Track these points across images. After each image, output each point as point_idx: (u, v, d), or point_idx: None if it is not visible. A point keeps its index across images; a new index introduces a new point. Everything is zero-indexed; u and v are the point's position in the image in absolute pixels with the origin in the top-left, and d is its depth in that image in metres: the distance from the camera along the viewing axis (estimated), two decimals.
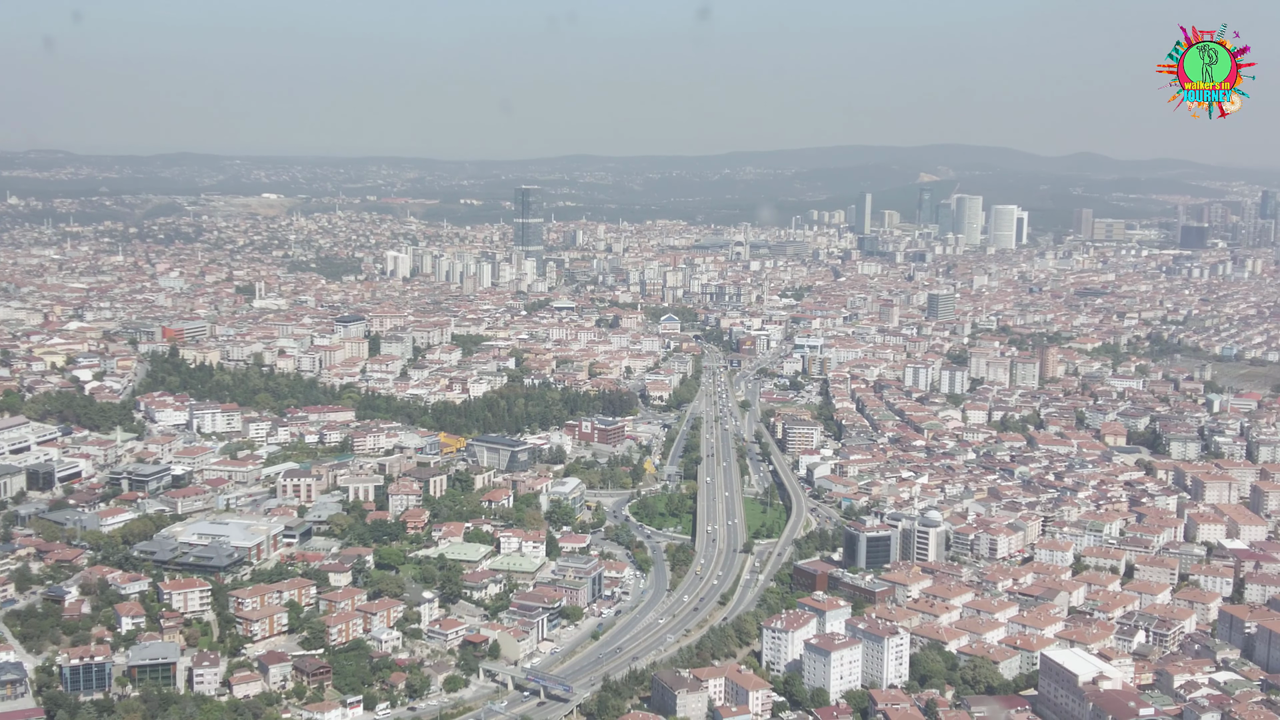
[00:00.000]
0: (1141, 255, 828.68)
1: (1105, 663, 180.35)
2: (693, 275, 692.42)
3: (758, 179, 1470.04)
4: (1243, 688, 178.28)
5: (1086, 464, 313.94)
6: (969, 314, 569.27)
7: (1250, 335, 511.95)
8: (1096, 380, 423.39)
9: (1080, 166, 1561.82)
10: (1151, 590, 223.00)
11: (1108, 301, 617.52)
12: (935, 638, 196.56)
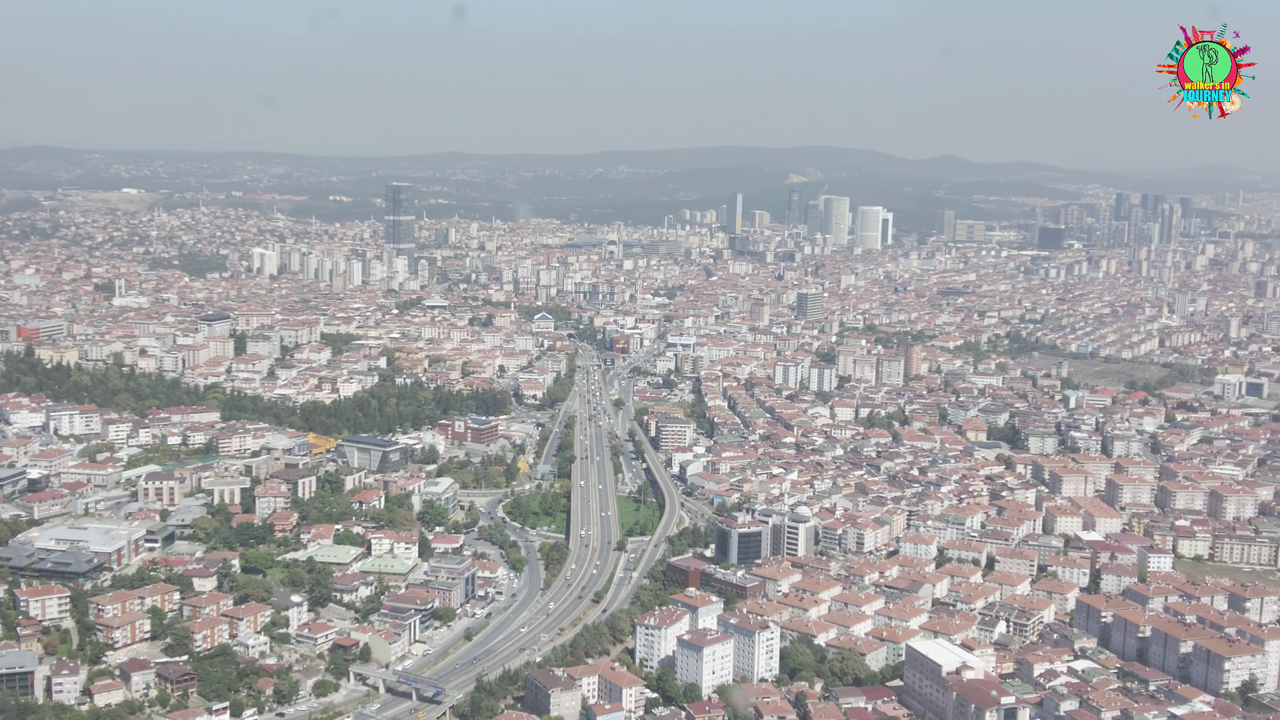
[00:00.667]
0: (1001, 256, 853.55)
1: (968, 653, 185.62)
2: (566, 274, 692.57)
3: (631, 178, 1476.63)
4: (1099, 675, 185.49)
5: (949, 459, 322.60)
6: (837, 313, 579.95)
7: (1104, 333, 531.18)
8: (958, 377, 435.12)
9: (943, 169, 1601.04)
10: (1012, 581, 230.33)
11: (969, 301, 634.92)
12: (805, 631, 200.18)
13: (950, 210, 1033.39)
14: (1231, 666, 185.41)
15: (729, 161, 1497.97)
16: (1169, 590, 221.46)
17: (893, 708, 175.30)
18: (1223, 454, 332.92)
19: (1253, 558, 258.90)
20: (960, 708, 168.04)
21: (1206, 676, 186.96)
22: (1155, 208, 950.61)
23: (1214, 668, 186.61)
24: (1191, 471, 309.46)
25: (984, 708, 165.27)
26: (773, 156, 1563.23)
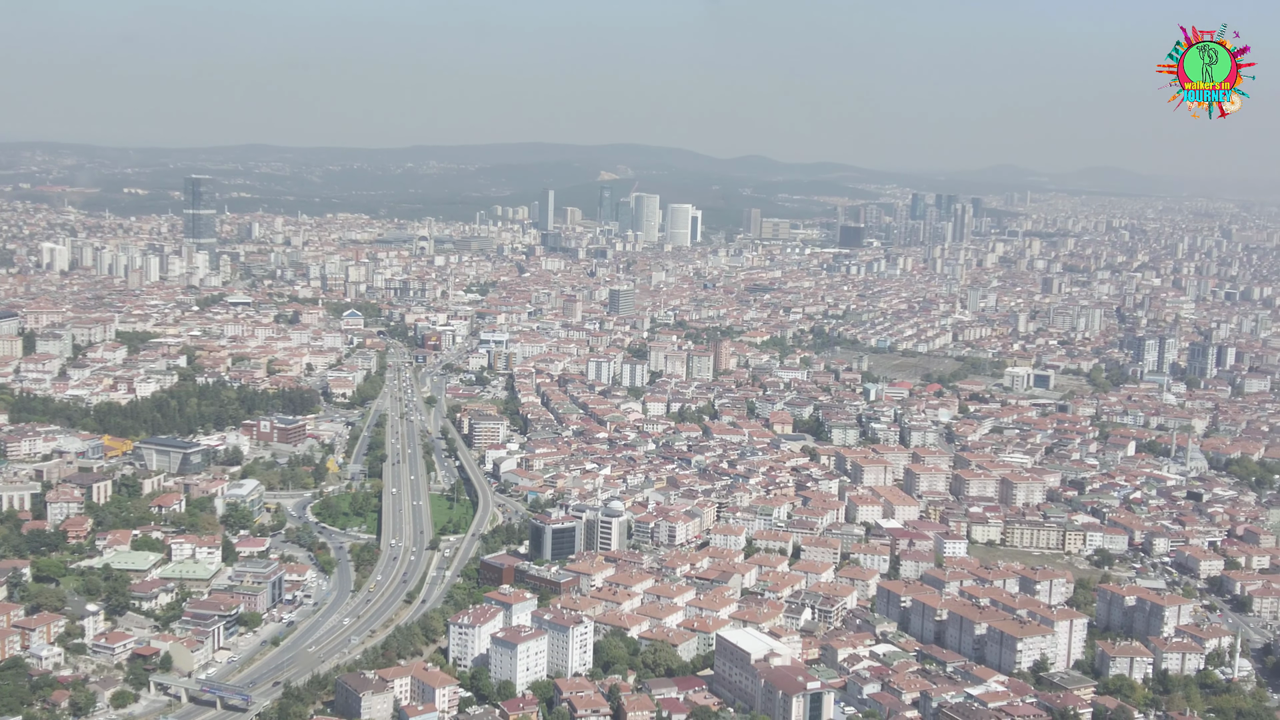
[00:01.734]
0: (805, 253, 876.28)
1: (775, 640, 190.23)
2: (376, 270, 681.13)
3: (441, 173, 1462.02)
4: (900, 658, 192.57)
5: (757, 451, 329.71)
6: (648, 309, 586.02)
7: (902, 328, 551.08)
8: (765, 372, 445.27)
9: (750, 168, 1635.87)
10: (817, 569, 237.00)
11: (775, 297, 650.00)
12: (618, 624, 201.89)
13: (757, 208, 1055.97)
14: (1024, 647, 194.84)
15: (541, 158, 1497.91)
16: (964, 575, 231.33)
17: (704, 696, 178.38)
18: (1012, 443, 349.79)
19: (1041, 542, 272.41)
20: (768, 694, 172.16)
21: (1000, 657, 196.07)
22: (948, 207, 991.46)
23: (1007, 648, 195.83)
24: (984, 460, 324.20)
25: (791, 693, 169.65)
26: (584, 153, 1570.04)
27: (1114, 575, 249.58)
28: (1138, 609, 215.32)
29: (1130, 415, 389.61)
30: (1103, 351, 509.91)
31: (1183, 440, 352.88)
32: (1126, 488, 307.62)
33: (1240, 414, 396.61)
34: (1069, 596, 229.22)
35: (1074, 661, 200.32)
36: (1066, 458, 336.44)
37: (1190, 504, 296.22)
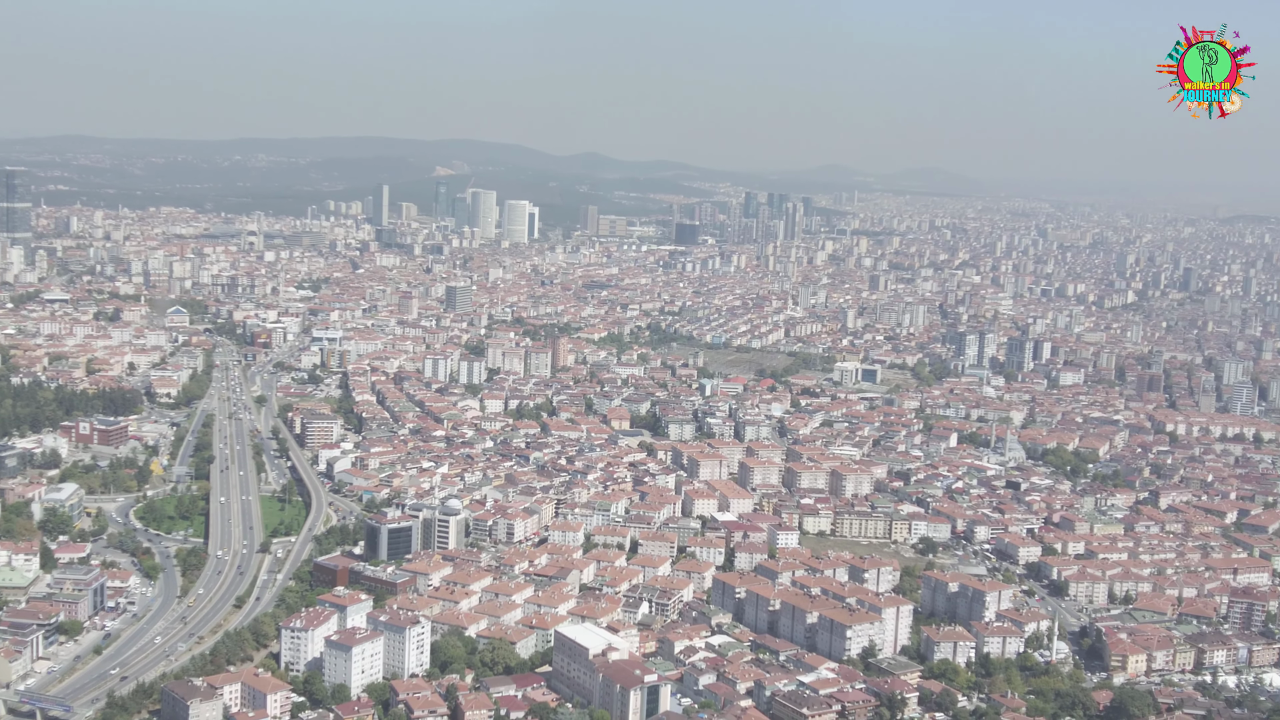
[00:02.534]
0: (642, 250, 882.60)
1: (614, 635, 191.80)
2: (203, 266, 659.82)
3: (271, 167, 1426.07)
4: (735, 649, 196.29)
5: (595, 448, 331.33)
6: (485, 306, 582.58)
7: (736, 325, 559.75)
8: (603, 368, 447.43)
9: (587, 166, 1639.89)
10: (654, 563, 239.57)
11: (612, 294, 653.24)
12: (456, 624, 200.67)
13: (594, 206, 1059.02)
14: (853, 634, 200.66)
15: (375, 152, 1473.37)
16: (796, 565, 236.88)
17: (542, 693, 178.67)
18: (842, 436, 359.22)
19: (870, 531, 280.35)
20: (606, 688, 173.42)
21: (831, 644, 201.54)
22: (780, 206, 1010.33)
23: (837, 636, 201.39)
24: (815, 453, 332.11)
25: (628, 687, 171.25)
26: (420, 149, 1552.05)
27: (938, 563, 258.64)
28: (960, 595, 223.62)
29: (952, 408, 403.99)
30: (926, 346, 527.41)
31: (1001, 432, 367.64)
32: (949, 478, 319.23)
33: (1055, 406, 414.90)
34: (896, 584, 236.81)
35: (901, 647, 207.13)
36: (893, 450, 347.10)
37: (1009, 493, 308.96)
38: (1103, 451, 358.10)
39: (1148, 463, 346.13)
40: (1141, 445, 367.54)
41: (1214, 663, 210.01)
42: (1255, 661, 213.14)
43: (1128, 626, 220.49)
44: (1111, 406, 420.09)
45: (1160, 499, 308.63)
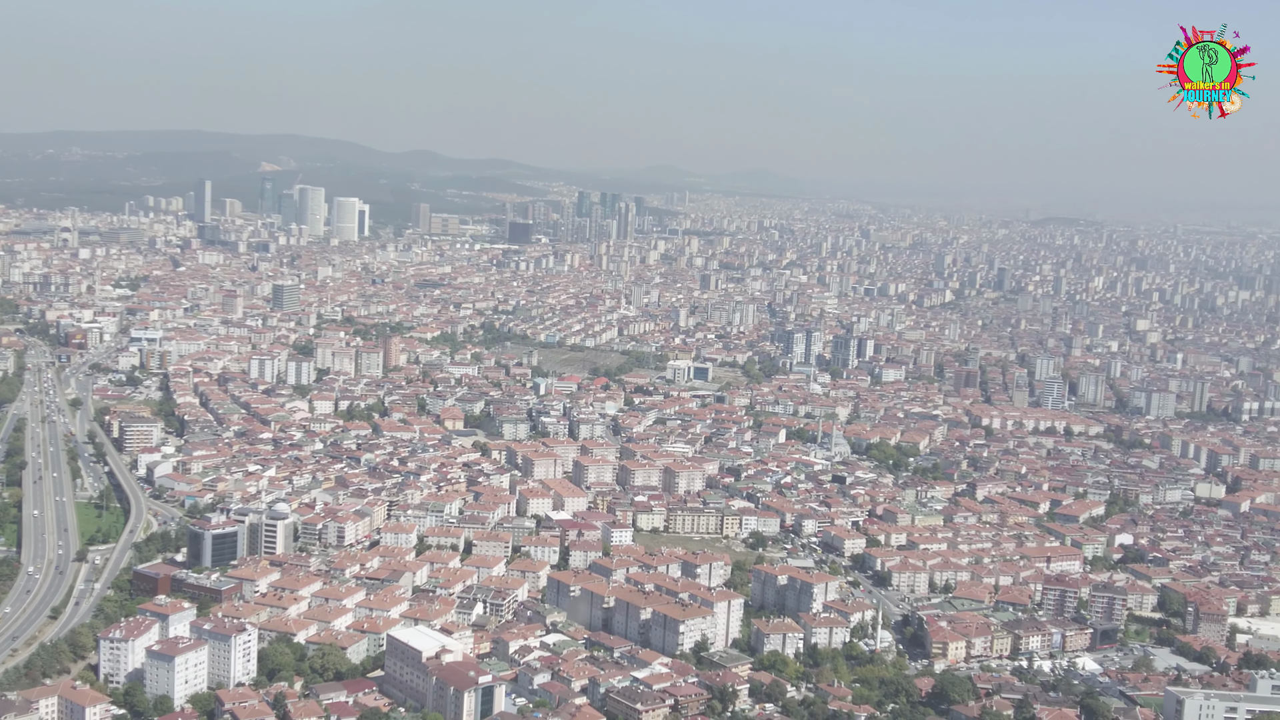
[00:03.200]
0: (475, 249, 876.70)
1: (447, 637, 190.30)
2: (13, 263, 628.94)
3: (86, 161, 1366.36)
4: (569, 647, 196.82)
5: (428, 448, 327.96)
6: (314, 305, 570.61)
7: (570, 323, 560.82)
8: (436, 368, 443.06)
9: (418, 163, 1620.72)
10: (488, 563, 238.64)
11: (445, 293, 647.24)
12: (284, 630, 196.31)
13: (426, 204, 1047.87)
14: (686, 629, 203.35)
15: (196, 146, 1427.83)
16: (630, 562, 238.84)
17: (374, 698, 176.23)
18: (675, 433, 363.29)
19: (702, 527, 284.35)
20: (440, 691, 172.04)
21: (664, 639, 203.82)
22: (613, 206, 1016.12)
23: (670, 631, 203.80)
24: (648, 450, 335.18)
25: (462, 689, 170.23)
26: (244, 143, 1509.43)
27: (767, 556, 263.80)
28: (789, 587, 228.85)
29: (781, 404, 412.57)
30: (756, 344, 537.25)
31: (828, 427, 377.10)
32: (778, 473, 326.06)
33: (879, 402, 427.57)
34: (727, 578, 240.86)
35: (732, 640, 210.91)
36: (724, 446, 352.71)
37: (835, 486, 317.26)
38: (923, 445, 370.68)
39: (965, 456, 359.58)
40: (959, 439, 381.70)
41: (1030, 648, 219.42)
42: (1068, 646, 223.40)
43: (948, 615, 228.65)
44: (931, 402, 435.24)
45: (977, 490, 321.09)
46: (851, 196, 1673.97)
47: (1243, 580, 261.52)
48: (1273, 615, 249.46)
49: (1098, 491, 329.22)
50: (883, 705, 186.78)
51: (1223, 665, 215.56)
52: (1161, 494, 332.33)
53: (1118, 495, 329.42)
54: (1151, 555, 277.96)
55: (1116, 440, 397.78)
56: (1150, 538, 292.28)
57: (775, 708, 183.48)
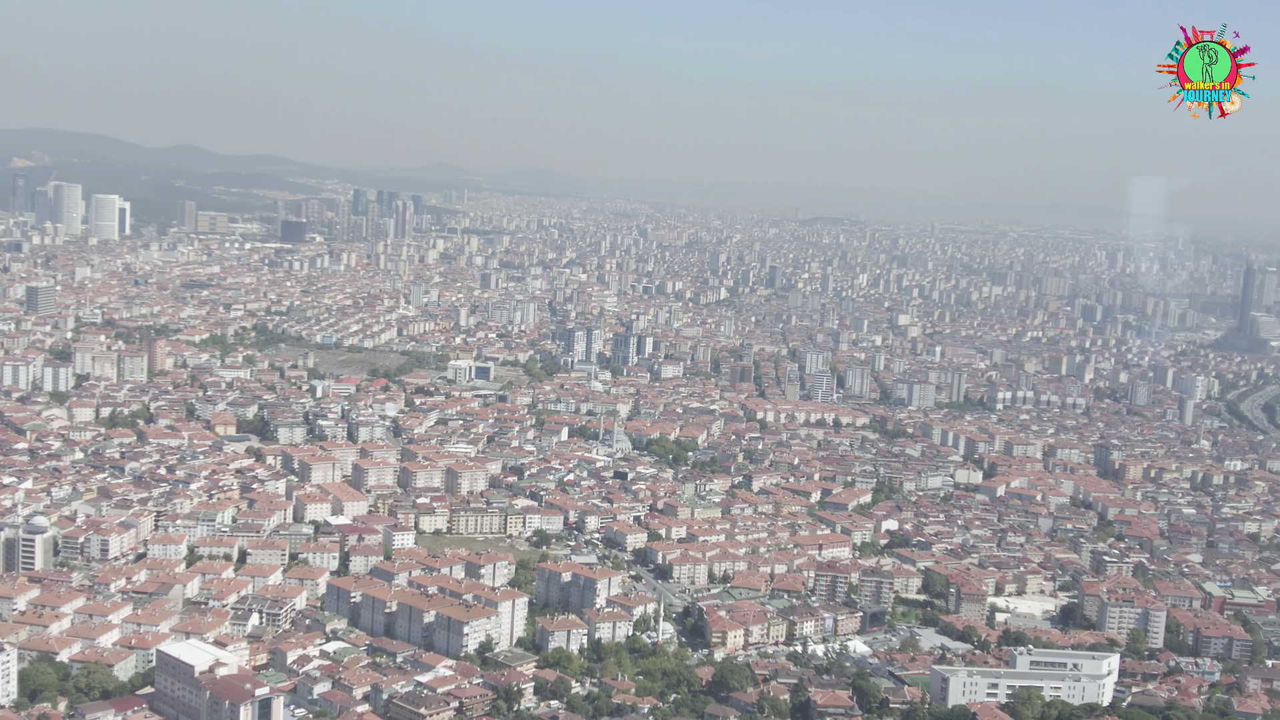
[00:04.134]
0: (245, 248, 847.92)
1: (221, 649, 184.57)
2: None
3: None
4: (350, 654, 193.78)
5: (198, 455, 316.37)
6: (72, 307, 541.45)
7: (347, 324, 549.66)
8: (206, 371, 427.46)
9: (183, 159, 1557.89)
10: (264, 572, 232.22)
11: (214, 293, 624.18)
12: (46, 649, 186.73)
13: (192, 201, 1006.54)
14: (470, 630, 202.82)
15: None
16: (412, 565, 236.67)
17: (144, 716, 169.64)
18: (457, 433, 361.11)
19: (485, 527, 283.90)
20: (214, 705, 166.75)
21: (448, 642, 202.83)
22: (390, 204, 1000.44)
23: (454, 633, 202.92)
24: (430, 451, 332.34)
25: (238, 702, 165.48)
26: None
27: (551, 554, 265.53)
28: (573, 584, 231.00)
29: (563, 402, 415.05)
30: (537, 343, 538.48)
31: (609, 424, 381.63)
32: (561, 470, 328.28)
33: (658, 398, 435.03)
34: (511, 577, 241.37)
35: (517, 639, 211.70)
36: (507, 445, 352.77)
37: (617, 482, 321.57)
38: (701, 439, 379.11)
39: (741, 449, 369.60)
40: (735, 432, 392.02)
41: (804, 633, 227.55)
42: (840, 630, 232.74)
43: (726, 604, 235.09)
44: (708, 397, 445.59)
45: (753, 482, 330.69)
46: (629, 196, 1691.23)
47: (1000, 561, 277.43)
48: (1029, 594, 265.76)
49: (865, 480, 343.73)
50: (665, 696, 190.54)
51: (984, 643, 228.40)
52: (924, 481, 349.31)
53: (884, 483, 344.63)
54: (916, 540, 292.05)
55: (882, 430, 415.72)
56: (914, 523, 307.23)
57: (560, 704, 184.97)
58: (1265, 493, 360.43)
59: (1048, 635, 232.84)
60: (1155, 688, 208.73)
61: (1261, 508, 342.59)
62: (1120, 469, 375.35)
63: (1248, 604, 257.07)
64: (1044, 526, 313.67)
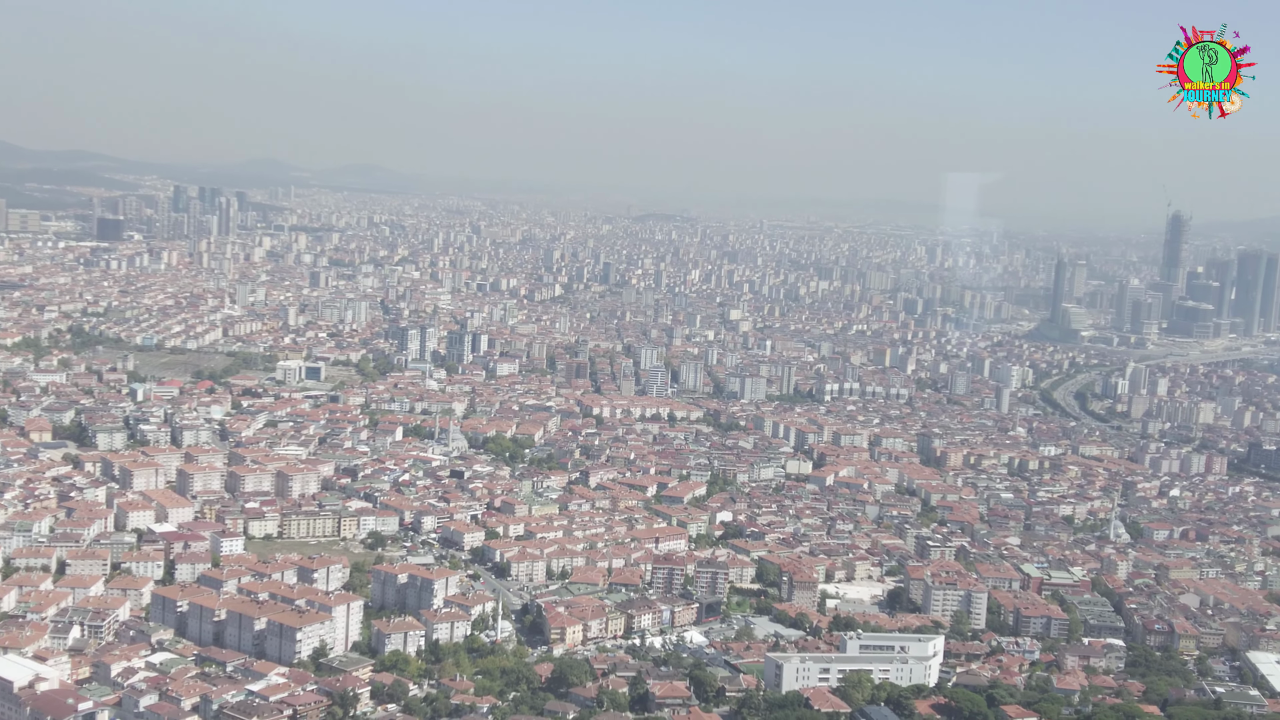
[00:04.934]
0: (59, 247, 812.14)
1: (41, 664, 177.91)
2: None
3: None
4: (178, 665, 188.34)
5: (12, 463, 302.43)
6: None
7: (170, 325, 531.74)
8: (19, 376, 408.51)
9: None
10: (85, 583, 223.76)
11: (27, 295, 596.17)
12: None
13: (2, 199, 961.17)
14: (303, 636, 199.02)
15: None
16: (242, 571, 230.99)
17: None
18: (287, 435, 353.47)
19: (319, 531, 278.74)
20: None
21: (281, 649, 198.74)
22: (213, 201, 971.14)
23: (287, 639, 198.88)
24: (259, 455, 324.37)
25: (60, 718, 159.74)
26: None
27: (387, 555, 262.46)
28: (410, 585, 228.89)
29: (397, 402, 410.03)
30: (370, 342, 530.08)
31: (445, 423, 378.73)
32: (396, 471, 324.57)
33: (494, 396, 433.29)
34: (346, 581, 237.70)
35: (352, 643, 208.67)
36: (339, 446, 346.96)
37: (453, 481, 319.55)
38: (538, 436, 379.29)
39: (578, 445, 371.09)
40: (572, 429, 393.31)
41: (642, 626, 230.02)
42: (677, 621, 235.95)
43: (565, 600, 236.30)
44: (544, 393, 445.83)
45: (590, 478, 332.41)
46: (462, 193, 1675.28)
47: (830, 549, 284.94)
48: (858, 580, 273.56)
49: (700, 473, 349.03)
50: (504, 694, 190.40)
51: (815, 629, 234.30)
52: (756, 472, 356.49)
53: (718, 475, 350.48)
54: (749, 530, 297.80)
55: (715, 423, 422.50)
56: (748, 514, 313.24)
57: (398, 707, 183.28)
58: (1078, 477, 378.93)
59: (876, 619, 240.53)
60: (979, 667, 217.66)
61: (1075, 491, 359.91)
62: (942, 456, 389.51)
63: (1064, 584, 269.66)
64: (871, 514, 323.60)
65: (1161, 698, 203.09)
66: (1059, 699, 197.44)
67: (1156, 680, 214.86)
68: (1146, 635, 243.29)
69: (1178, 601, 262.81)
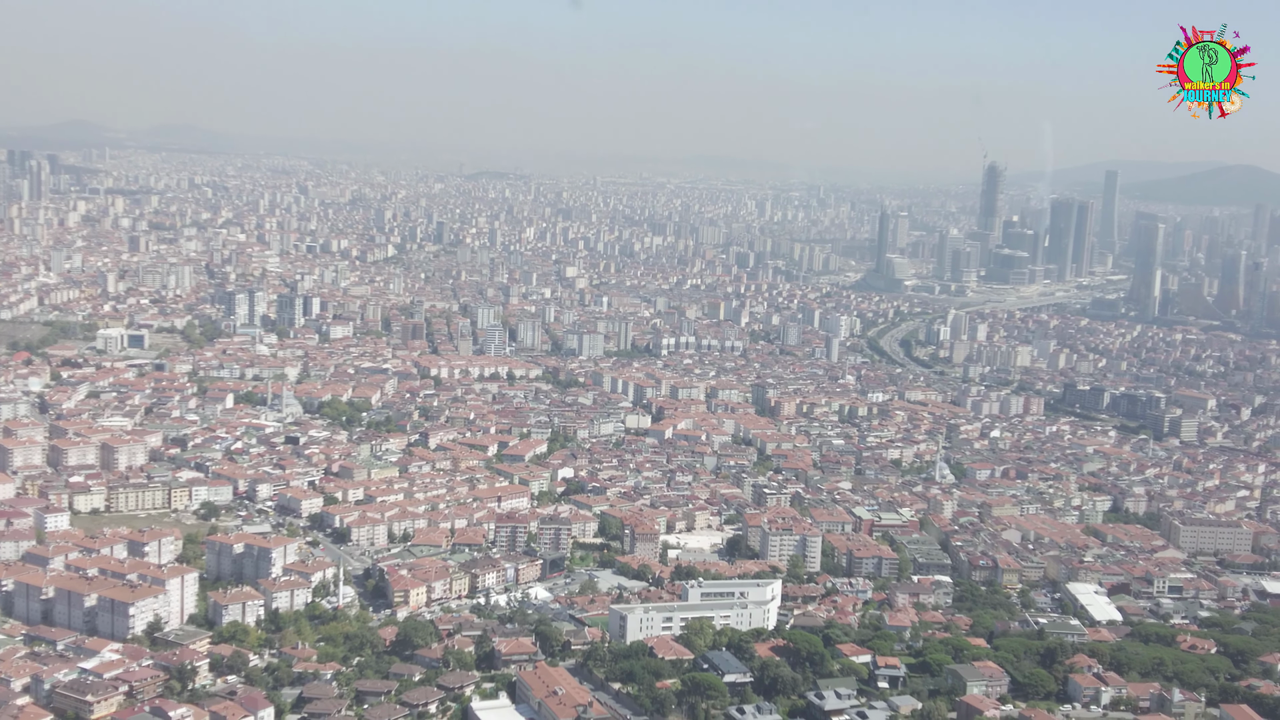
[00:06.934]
0: None
1: None
2: None
3: None
4: (7, 645, 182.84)
5: None
6: None
7: None
8: None
9: None
10: None
11: None
12: None
13: None
14: (136, 611, 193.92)
15: None
16: (69, 548, 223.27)
17: None
18: (111, 406, 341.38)
19: (148, 503, 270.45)
20: None
21: (113, 625, 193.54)
22: (23, 164, 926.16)
23: (119, 615, 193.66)
24: (82, 427, 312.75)
25: None
26: None
27: (221, 525, 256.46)
28: (246, 555, 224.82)
29: (227, 369, 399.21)
30: (195, 308, 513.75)
31: (278, 388, 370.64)
32: (228, 439, 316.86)
33: (329, 359, 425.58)
34: (179, 553, 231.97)
35: (189, 616, 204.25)
36: (167, 416, 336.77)
37: (289, 448, 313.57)
38: (375, 399, 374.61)
39: (416, 406, 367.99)
40: (410, 390, 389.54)
41: (486, 585, 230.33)
42: (521, 579, 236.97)
43: (407, 563, 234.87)
44: (380, 356, 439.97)
45: (430, 439, 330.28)
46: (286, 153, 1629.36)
47: (670, 500, 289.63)
48: (698, 529, 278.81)
49: (540, 430, 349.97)
50: (348, 660, 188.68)
51: (658, 580, 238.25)
52: (597, 428, 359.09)
53: (558, 432, 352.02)
54: (591, 485, 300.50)
55: (555, 381, 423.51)
56: (589, 469, 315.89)
57: (239, 678, 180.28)
58: (905, 421, 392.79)
59: (716, 568, 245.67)
60: (815, 609, 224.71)
61: (902, 435, 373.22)
62: (776, 406, 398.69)
63: (893, 525, 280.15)
64: (709, 465, 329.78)
65: (988, 630, 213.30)
66: (891, 635, 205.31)
67: (983, 614, 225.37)
68: (972, 571, 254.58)
69: (1000, 538, 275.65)
